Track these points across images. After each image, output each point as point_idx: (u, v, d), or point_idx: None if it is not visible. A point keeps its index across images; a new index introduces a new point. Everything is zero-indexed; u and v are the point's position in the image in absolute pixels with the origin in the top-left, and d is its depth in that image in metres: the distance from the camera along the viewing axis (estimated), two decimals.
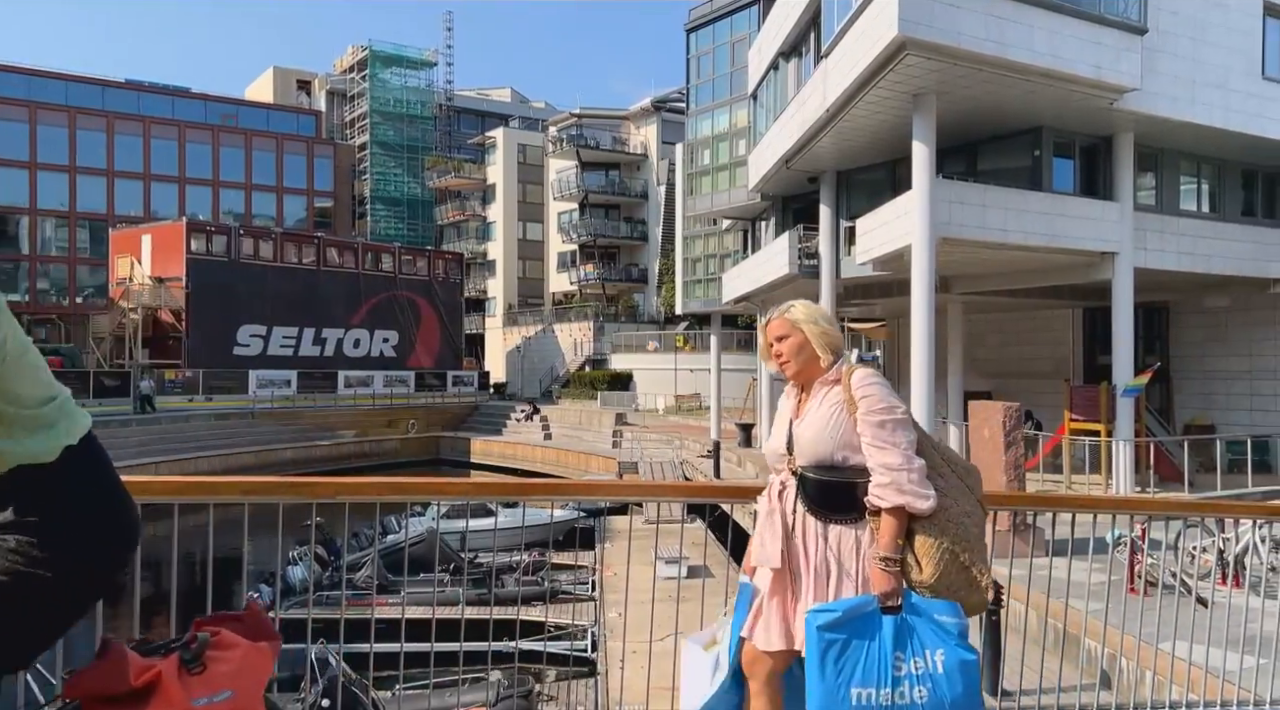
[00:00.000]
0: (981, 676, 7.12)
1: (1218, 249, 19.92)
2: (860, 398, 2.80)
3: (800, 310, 3.06)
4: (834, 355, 2.99)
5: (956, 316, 23.90)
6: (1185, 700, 4.10)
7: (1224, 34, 17.99)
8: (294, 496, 3.16)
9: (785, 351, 3.01)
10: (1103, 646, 6.84)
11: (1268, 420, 21.49)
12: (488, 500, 5.09)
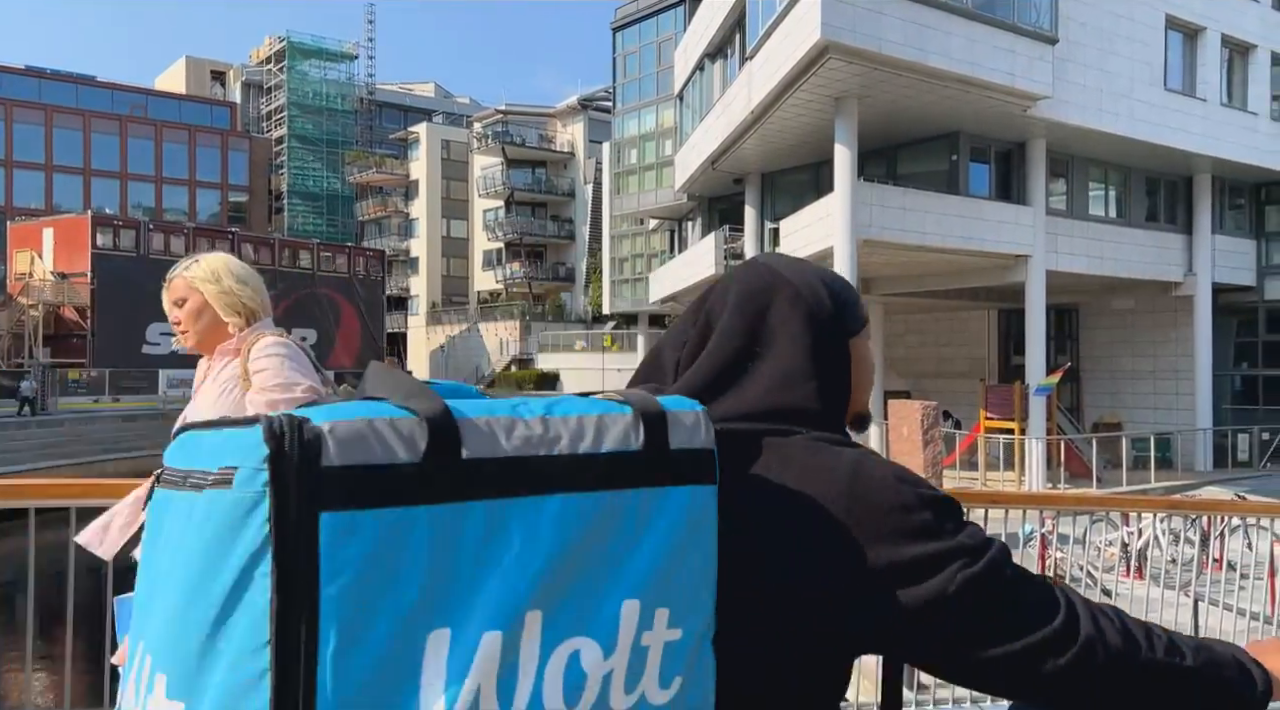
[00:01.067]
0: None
1: (1124, 253, 20.70)
2: (255, 371, 2.27)
3: (203, 266, 2.49)
4: (245, 320, 2.46)
5: (877, 318, 24.36)
6: None
7: (1129, 46, 18.70)
8: None
9: (183, 319, 2.45)
10: None
11: (1169, 418, 22.44)
12: None
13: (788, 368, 0.96)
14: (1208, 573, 9.11)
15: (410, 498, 0.64)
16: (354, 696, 0.60)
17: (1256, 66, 21.55)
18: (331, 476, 0.61)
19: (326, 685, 0.60)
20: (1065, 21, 17.05)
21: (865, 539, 0.87)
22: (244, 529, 0.61)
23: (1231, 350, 23.73)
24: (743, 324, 0.98)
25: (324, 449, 0.62)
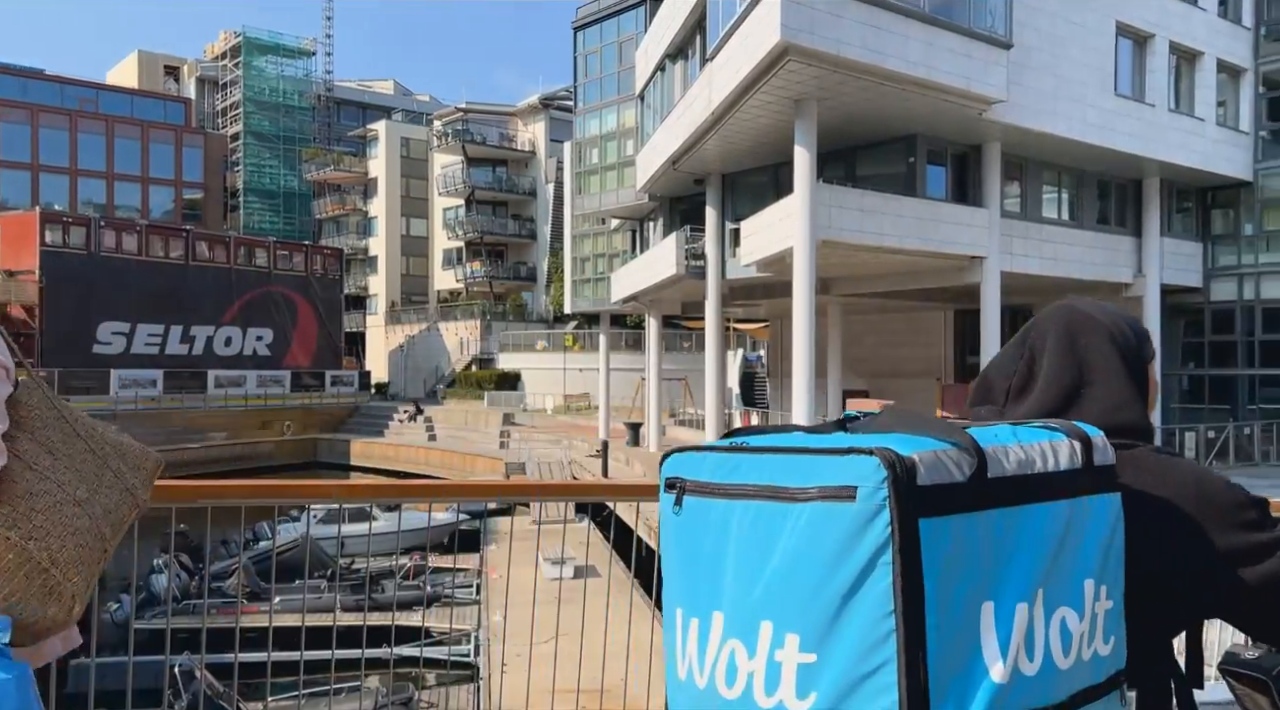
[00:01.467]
0: None
1: (1076, 255, 21.11)
2: None
3: None
4: None
5: (836, 317, 24.61)
6: None
7: (1081, 52, 19.08)
8: (152, 502, 2.94)
9: None
10: None
11: None
12: (365, 503, 4.89)
13: (1118, 393, 1.23)
14: None
15: (966, 506, 0.87)
16: (946, 647, 0.82)
17: (1203, 73, 22.10)
18: (925, 492, 0.84)
19: (931, 639, 0.81)
20: (1019, 27, 17.35)
21: (1214, 530, 1.16)
22: (869, 530, 0.82)
23: (1179, 350, 24.31)
24: (1071, 359, 1.25)
25: (918, 472, 0.84)
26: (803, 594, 0.84)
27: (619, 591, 4.74)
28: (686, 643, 0.97)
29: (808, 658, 0.84)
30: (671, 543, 1.02)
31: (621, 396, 37.79)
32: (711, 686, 0.92)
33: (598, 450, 27.00)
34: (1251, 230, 23.71)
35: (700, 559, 0.96)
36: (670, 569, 1.02)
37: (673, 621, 0.99)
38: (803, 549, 0.85)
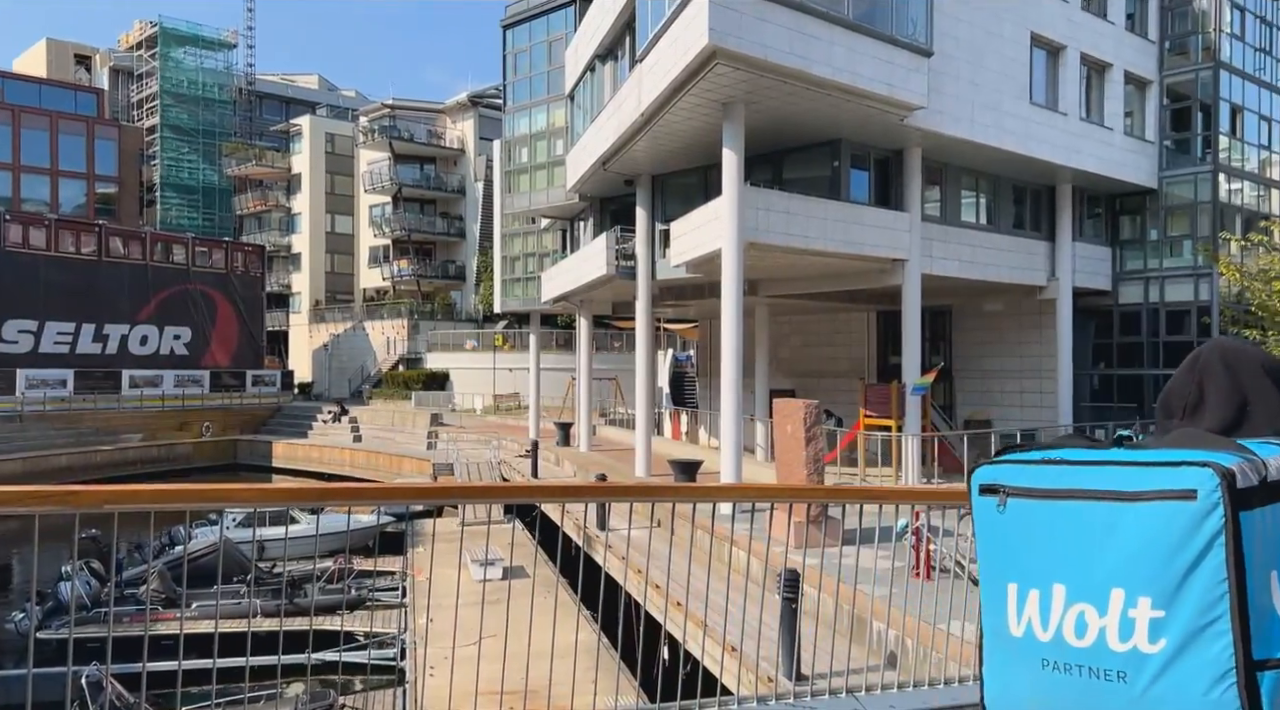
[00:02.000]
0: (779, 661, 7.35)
1: (993, 258, 21.75)
2: None
3: None
4: None
5: (764, 318, 24.92)
6: (959, 675, 4.42)
7: (999, 61, 19.67)
8: (52, 507, 2.84)
9: None
10: (887, 629, 7.30)
11: (1034, 415, 23.73)
12: (286, 506, 4.79)
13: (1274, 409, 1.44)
14: None
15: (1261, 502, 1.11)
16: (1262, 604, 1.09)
17: (1112, 84, 22.99)
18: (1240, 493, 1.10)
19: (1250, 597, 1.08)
20: (940, 35, 17.81)
21: None
22: (1207, 522, 1.08)
23: (1090, 351, 25.23)
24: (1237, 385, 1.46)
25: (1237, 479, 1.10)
26: (1153, 567, 1.13)
27: (546, 591, 4.75)
28: (1024, 608, 1.25)
29: (1158, 614, 1.13)
30: (994, 535, 1.31)
31: (552, 396, 37.68)
32: (1059, 639, 1.20)
33: (527, 450, 26.87)
34: (1156, 236, 24.73)
35: (1031, 545, 1.24)
36: (993, 554, 1.31)
37: (1004, 593, 1.28)
38: (1151, 535, 1.14)
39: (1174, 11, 24.47)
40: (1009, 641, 1.29)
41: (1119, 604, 1.17)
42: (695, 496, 3.97)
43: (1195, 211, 23.93)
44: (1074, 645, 1.21)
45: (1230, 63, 23.99)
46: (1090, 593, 1.20)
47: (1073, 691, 1.23)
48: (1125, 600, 1.16)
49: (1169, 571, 1.13)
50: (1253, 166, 25.03)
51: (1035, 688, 1.27)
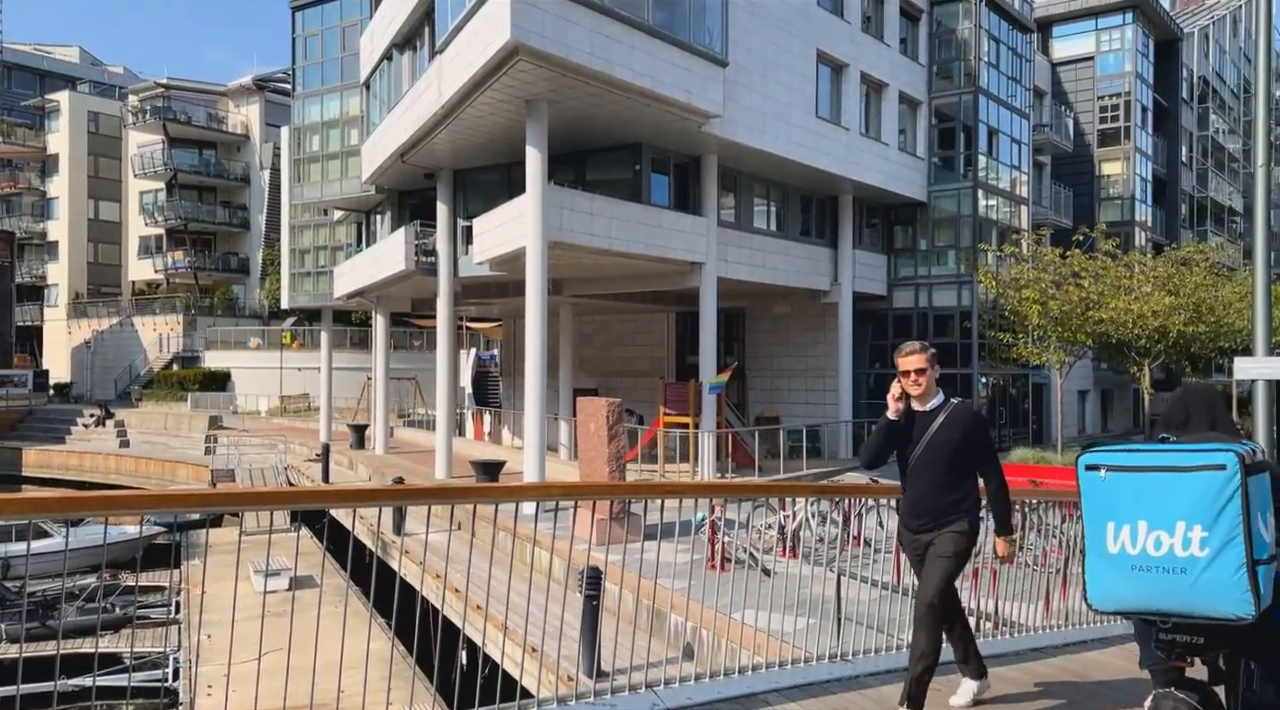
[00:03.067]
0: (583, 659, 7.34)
1: (782, 263, 22.88)
2: None
3: None
4: None
5: (568, 318, 25.00)
6: (752, 664, 4.58)
7: (788, 75, 20.70)
8: None
9: None
10: (686, 620, 7.48)
11: (819, 412, 25.16)
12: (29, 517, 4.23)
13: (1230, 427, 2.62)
14: (849, 550, 10.31)
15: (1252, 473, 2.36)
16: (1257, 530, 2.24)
17: (888, 103, 24.76)
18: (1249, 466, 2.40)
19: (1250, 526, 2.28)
20: (734, 47, 18.52)
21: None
22: (1232, 482, 2.26)
23: (867, 352, 27.07)
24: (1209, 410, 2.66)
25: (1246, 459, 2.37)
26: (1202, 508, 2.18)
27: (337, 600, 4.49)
28: (1119, 537, 2.39)
29: (1205, 534, 2.19)
30: (1096, 494, 2.51)
31: (346, 397, 36.16)
32: (1143, 553, 2.31)
33: (318, 454, 25.61)
34: (925, 245, 26.87)
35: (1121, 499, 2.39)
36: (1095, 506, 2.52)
37: (1103, 529, 2.47)
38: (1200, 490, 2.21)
39: (940, 38, 26.69)
40: (1107, 557, 2.55)
41: (1181, 530, 2.36)
42: (497, 497, 3.90)
43: (958, 224, 26.18)
44: (1152, 555, 2.43)
45: (988, 88, 26.45)
46: (1163, 524, 2.41)
47: (1152, 584, 2.43)
48: (1185, 528, 2.36)
49: (1211, 510, 2.32)
50: (1005, 184, 27.70)
51: (1126, 584, 2.50)
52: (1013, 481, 16.09)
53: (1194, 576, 2.35)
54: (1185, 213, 39.74)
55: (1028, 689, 4.65)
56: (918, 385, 4.38)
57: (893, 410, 4.37)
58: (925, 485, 4.30)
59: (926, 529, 4.29)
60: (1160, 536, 2.40)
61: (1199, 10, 43.13)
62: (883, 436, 4.38)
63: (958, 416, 4.37)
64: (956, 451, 4.27)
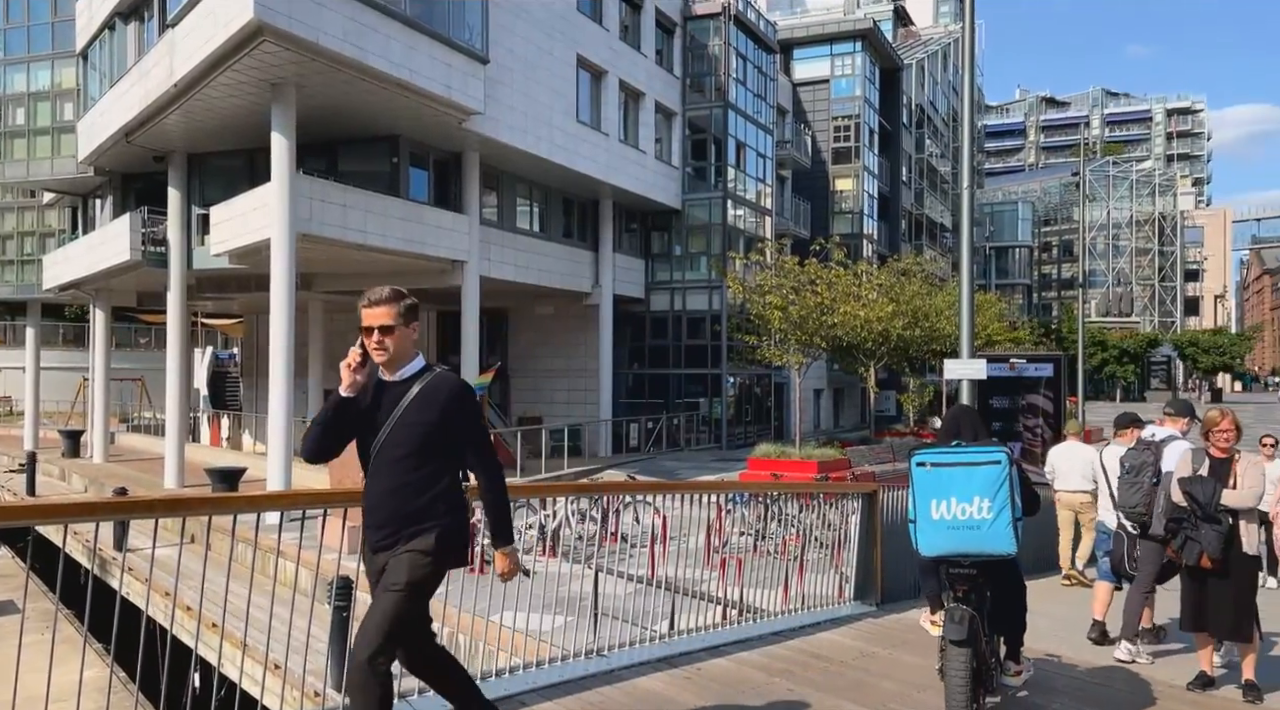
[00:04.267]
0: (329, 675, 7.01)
1: (545, 264, 23.02)
2: None
3: None
4: None
5: (319, 315, 23.77)
6: (509, 666, 4.56)
7: (549, 77, 20.85)
8: None
9: None
10: (443, 626, 7.34)
11: (581, 411, 25.55)
12: None
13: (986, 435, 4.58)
14: (606, 546, 10.54)
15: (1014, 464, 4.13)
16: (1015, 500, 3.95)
17: (645, 112, 25.58)
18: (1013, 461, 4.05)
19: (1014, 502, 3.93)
20: (495, 46, 18.40)
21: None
22: (1004, 470, 3.91)
23: (627, 353, 27.82)
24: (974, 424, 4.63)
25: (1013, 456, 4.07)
26: (989, 487, 3.83)
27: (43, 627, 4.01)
28: (939, 507, 3.91)
29: (989, 503, 3.83)
30: (923, 482, 3.99)
31: (58, 400, 32.44)
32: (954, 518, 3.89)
33: (21, 464, 22.72)
34: (680, 251, 28.01)
35: (939, 484, 3.93)
36: (923, 489, 3.98)
37: (929, 503, 3.95)
38: (987, 477, 3.84)
39: (693, 52, 27.93)
40: (931, 522, 3.94)
41: (977, 502, 3.85)
42: (236, 507, 3.62)
43: (710, 231, 27.51)
44: (960, 519, 3.88)
45: (736, 104, 27.98)
46: (966, 498, 3.87)
47: (960, 536, 3.90)
48: (979, 500, 3.84)
49: (993, 489, 3.84)
50: (751, 195, 29.43)
51: (945, 538, 3.93)
52: (756, 476, 17.14)
53: (984, 530, 3.91)
54: (905, 227, 44.05)
55: (770, 671, 4.95)
56: (381, 349, 3.05)
57: (346, 383, 3.05)
58: (385, 483, 3.07)
59: (384, 546, 3.08)
60: (965, 507, 3.92)
61: (916, 44, 47.96)
62: (330, 418, 3.07)
63: (435, 391, 3.10)
64: (429, 437, 3.05)
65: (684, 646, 5.29)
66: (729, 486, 10.10)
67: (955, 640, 3.91)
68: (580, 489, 7.54)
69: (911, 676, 5.01)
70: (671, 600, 5.79)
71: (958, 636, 3.91)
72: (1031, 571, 8.41)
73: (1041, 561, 9.36)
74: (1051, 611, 7.37)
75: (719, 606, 6.29)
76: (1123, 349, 52.30)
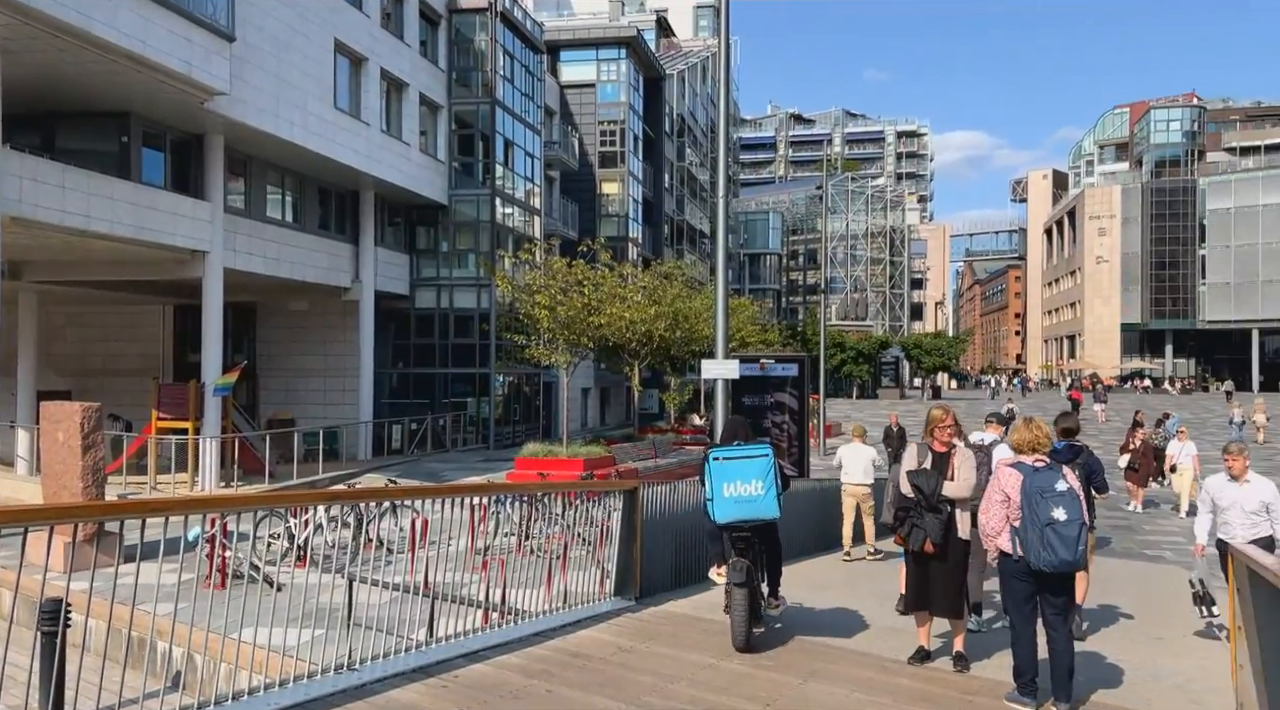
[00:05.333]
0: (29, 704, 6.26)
1: (300, 257, 21.80)
2: None
3: None
4: None
5: (31, 307, 21.25)
6: (250, 686, 4.26)
7: (304, 60, 19.75)
8: None
9: None
10: (171, 647, 6.76)
11: (339, 412, 24.40)
12: None
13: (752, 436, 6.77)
14: (364, 553, 10.10)
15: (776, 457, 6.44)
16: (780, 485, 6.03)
17: (409, 103, 24.85)
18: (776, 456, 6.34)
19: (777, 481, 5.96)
20: (243, 23, 17.17)
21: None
22: (769, 461, 5.94)
23: (390, 351, 26.90)
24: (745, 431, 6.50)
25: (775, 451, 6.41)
26: (761, 472, 5.83)
27: None
28: (729, 488, 5.83)
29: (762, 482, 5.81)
30: (718, 471, 5.88)
31: None
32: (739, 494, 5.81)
33: None
34: (447, 247, 27.46)
35: (728, 472, 5.86)
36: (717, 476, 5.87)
37: (722, 485, 5.85)
38: (761, 466, 5.84)
39: (459, 47, 27.47)
40: (724, 498, 5.83)
41: (755, 483, 5.80)
42: None
43: (478, 229, 27.17)
44: (743, 495, 5.81)
45: (504, 101, 27.80)
46: (747, 480, 5.82)
47: (744, 507, 5.81)
48: (757, 481, 5.80)
49: (764, 473, 5.81)
50: (520, 194, 29.36)
51: (734, 509, 5.82)
52: (523, 475, 17.17)
53: (759, 502, 5.82)
54: (668, 233, 45.65)
55: (529, 673, 4.94)
56: None
57: None
58: None
59: None
60: (746, 486, 5.83)
61: (677, 55, 49.84)
62: None
63: None
64: None
65: (442, 654, 5.17)
66: (495, 488, 9.99)
67: (737, 583, 5.77)
68: (333, 497, 7.18)
69: (666, 668, 5.17)
70: (431, 606, 5.64)
71: (739, 580, 5.75)
72: (815, 551, 10.96)
73: (824, 541, 11.24)
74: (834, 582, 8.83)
75: (481, 610, 6.20)
76: (859, 350, 56.91)
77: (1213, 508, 6.82)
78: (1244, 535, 6.41)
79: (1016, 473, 4.89)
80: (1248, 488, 6.67)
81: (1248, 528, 6.53)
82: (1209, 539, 6.91)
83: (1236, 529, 6.56)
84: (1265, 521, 6.56)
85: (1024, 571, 4.80)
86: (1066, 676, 4.81)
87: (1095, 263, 75.38)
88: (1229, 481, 6.75)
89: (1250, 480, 6.71)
